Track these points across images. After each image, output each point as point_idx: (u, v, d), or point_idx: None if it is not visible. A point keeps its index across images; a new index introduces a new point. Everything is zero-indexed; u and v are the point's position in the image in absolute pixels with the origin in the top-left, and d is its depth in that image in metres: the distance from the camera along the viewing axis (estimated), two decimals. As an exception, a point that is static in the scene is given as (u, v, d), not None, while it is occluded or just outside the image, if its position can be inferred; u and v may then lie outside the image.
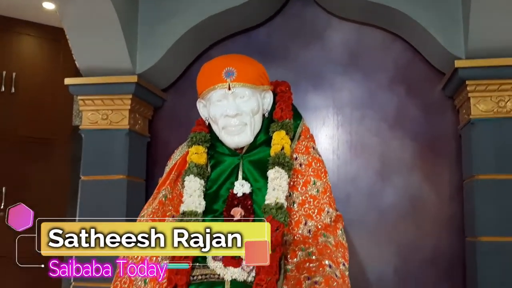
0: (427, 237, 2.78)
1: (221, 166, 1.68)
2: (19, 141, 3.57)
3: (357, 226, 2.75)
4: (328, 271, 1.46)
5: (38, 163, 3.62)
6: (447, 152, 2.81)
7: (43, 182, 3.54)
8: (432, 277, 2.77)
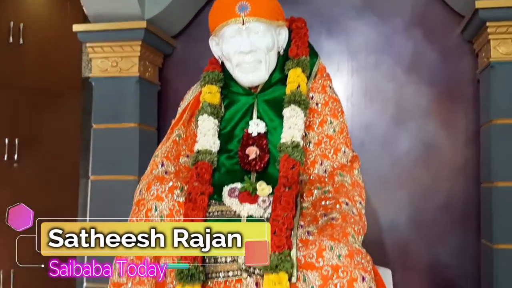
0: (441, 184, 2.77)
1: (235, 106, 1.65)
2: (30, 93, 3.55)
3: (370, 174, 2.72)
4: (345, 208, 1.45)
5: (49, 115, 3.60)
6: (464, 97, 2.76)
7: (55, 133, 3.53)
8: (446, 224, 2.78)
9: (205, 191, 1.44)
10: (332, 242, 1.32)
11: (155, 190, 1.44)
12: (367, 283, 1.27)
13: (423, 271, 2.79)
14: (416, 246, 2.79)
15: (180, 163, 1.57)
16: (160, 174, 1.49)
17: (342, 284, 1.27)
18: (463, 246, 2.75)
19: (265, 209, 1.42)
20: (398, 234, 2.80)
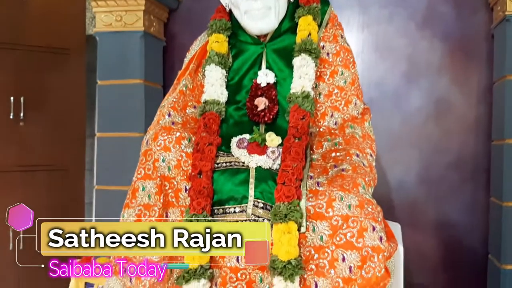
0: (452, 141, 2.73)
1: (243, 56, 1.60)
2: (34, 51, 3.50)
3: (380, 131, 2.67)
4: (355, 159, 1.42)
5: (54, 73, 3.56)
6: (477, 53, 2.68)
7: (60, 91, 3.50)
8: (455, 181, 2.75)
9: (213, 142, 1.41)
10: (342, 193, 1.30)
11: (162, 141, 1.41)
12: (377, 233, 1.25)
13: (431, 229, 2.79)
14: (425, 203, 2.78)
15: (187, 114, 1.54)
16: (167, 124, 1.46)
17: (352, 234, 1.26)
18: (472, 204, 2.74)
19: (274, 160, 1.40)
20: (407, 191, 2.79)
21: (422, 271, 2.79)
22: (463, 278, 2.87)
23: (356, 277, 1.23)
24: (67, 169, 3.40)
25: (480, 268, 2.76)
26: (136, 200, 1.43)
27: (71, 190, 3.39)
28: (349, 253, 1.25)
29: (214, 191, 1.37)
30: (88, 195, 3.30)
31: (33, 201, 3.36)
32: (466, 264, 2.84)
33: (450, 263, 2.86)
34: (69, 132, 3.42)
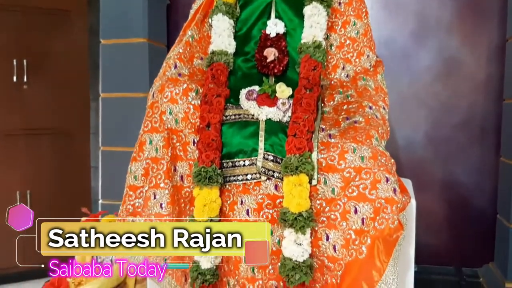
0: (461, 101, 2.68)
1: (251, 5, 1.53)
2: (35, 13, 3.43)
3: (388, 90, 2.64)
4: (368, 112, 1.38)
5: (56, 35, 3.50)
6: (490, 10, 2.60)
7: (63, 54, 3.44)
8: (464, 141, 2.72)
9: (221, 93, 1.37)
10: (355, 144, 1.26)
11: (169, 92, 1.37)
12: (391, 185, 1.23)
13: (438, 189, 2.77)
14: (433, 164, 2.75)
15: (194, 65, 1.49)
16: (174, 76, 1.42)
17: (364, 185, 1.23)
18: (481, 164, 2.71)
19: (285, 112, 1.36)
20: (415, 151, 2.76)
21: (429, 231, 2.79)
22: (470, 238, 2.87)
23: (369, 229, 1.21)
24: (71, 133, 3.38)
25: (488, 229, 2.75)
26: (143, 153, 1.40)
27: (76, 154, 3.37)
28: (361, 205, 1.23)
29: (223, 144, 1.34)
30: (94, 159, 3.28)
31: (38, 165, 3.36)
32: (474, 225, 2.84)
33: (457, 223, 2.86)
34: (73, 95, 3.38)
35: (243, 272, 1.32)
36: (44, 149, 3.38)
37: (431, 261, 2.75)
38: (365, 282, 1.20)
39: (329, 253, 1.26)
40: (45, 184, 3.38)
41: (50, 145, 3.40)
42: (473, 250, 2.90)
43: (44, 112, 3.35)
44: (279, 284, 1.30)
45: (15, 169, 3.31)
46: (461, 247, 2.89)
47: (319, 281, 1.27)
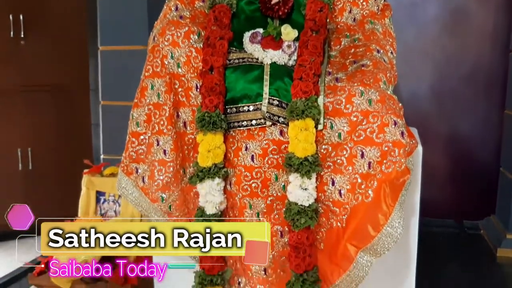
0: (467, 53, 2.63)
1: None
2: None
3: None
4: (376, 55, 1.34)
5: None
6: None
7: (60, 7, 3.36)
8: (469, 94, 2.69)
9: (224, 36, 1.32)
10: (362, 88, 1.23)
11: (170, 35, 1.32)
12: (399, 128, 1.20)
13: (443, 143, 2.76)
14: (437, 117, 2.73)
15: (195, 8, 1.44)
16: (175, 18, 1.37)
17: (372, 129, 1.20)
18: (486, 118, 2.69)
19: (290, 55, 1.32)
20: (419, 105, 2.73)
21: (431, 184, 2.79)
22: (472, 192, 2.89)
23: (376, 173, 1.20)
24: (71, 89, 3.34)
25: (490, 182, 2.75)
26: (145, 99, 1.37)
27: (76, 110, 3.34)
28: (368, 149, 1.21)
29: (226, 89, 1.31)
30: (95, 116, 3.25)
31: (38, 123, 3.34)
32: (476, 178, 2.84)
33: (459, 177, 2.86)
34: (71, 50, 3.32)
35: (248, 218, 1.31)
36: (43, 106, 3.35)
37: (432, 214, 2.77)
38: (371, 225, 1.19)
39: (335, 197, 1.25)
40: (46, 141, 3.36)
41: (50, 102, 3.37)
42: (475, 203, 2.92)
43: (43, 68, 3.30)
44: (284, 229, 1.30)
45: (15, 126, 3.29)
46: (462, 201, 2.90)
47: (324, 226, 1.27)
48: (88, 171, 2.02)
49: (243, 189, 1.30)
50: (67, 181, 2.71)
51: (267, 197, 1.30)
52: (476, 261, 2.49)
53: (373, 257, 1.22)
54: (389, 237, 1.19)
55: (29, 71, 3.28)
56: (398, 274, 1.48)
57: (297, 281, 1.24)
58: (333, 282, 1.26)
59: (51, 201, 3.18)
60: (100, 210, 1.99)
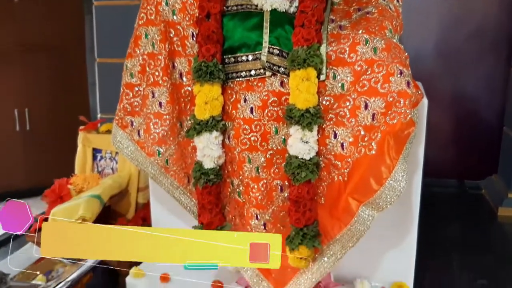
0: (474, 11, 2.54)
1: None
2: None
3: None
4: (382, 2, 1.27)
5: None
6: None
7: None
8: (475, 53, 2.61)
9: None
10: (367, 36, 1.17)
11: (164, -19, 1.25)
12: (405, 78, 1.15)
13: (446, 102, 2.70)
14: (441, 76, 2.66)
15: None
16: (169, -37, 1.29)
17: (376, 79, 1.15)
18: (491, 76, 2.62)
19: (291, 1, 1.25)
20: (423, 64, 2.66)
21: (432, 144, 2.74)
22: (474, 151, 2.85)
23: (379, 124, 1.15)
24: (67, 48, 3.27)
25: (493, 141, 2.71)
26: (139, 48, 1.32)
27: (72, 69, 3.28)
28: (372, 100, 1.16)
29: (224, 37, 1.25)
30: (91, 75, 3.18)
31: (35, 83, 3.28)
32: (479, 138, 2.80)
33: (462, 137, 2.82)
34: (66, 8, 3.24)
35: (247, 172, 1.27)
36: (39, 65, 3.29)
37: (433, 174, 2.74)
38: (373, 178, 1.15)
39: (337, 151, 1.20)
40: (43, 101, 3.32)
41: (46, 61, 3.31)
42: (476, 163, 2.89)
43: (38, 28, 3.22)
44: (284, 183, 1.26)
45: (11, 87, 3.24)
46: (464, 160, 2.87)
47: (325, 180, 1.23)
48: (84, 128, 1.98)
49: (242, 143, 1.26)
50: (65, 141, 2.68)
51: (267, 151, 1.26)
52: (477, 220, 2.47)
53: (375, 211, 1.19)
54: (392, 191, 1.16)
55: (24, 30, 3.21)
56: (400, 230, 1.46)
57: (297, 235, 1.21)
58: (333, 236, 1.24)
59: (49, 161, 3.16)
60: (97, 168, 1.96)
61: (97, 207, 1.67)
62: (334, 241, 1.24)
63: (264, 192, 1.27)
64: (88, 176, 1.85)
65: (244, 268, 1.35)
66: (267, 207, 1.29)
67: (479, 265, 1.98)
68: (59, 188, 1.78)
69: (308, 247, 1.21)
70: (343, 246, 1.23)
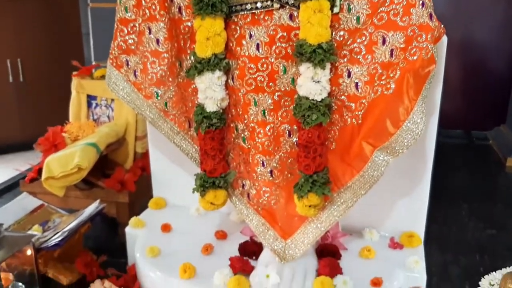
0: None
1: None
2: None
3: None
4: None
5: None
6: None
7: None
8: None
9: None
10: (386, -37, 1.05)
11: None
12: (427, 10, 1.04)
13: (455, 50, 2.59)
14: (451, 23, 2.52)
15: None
16: None
17: (396, 11, 1.05)
18: (503, 25, 2.50)
19: None
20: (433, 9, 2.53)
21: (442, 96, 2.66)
22: (482, 101, 2.77)
23: (399, 61, 1.05)
24: (58, -5, 3.11)
25: (502, 91, 2.63)
26: None
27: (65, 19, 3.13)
28: (391, 34, 1.05)
29: None
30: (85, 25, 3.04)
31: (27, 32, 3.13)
32: (488, 87, 2.71)
33: (471, 86, 2.73)
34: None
35: (253, 116, 1.18)
36: (31, 14, 3.13)
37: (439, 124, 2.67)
38: (390, 120, 1.07)
39: (350, 91, 1.11)
40: (35, 51, 3.19)
41: (37, 9, 3.15)
42: (484, 113, 2.82)
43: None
44: (293, 127, 1.18)
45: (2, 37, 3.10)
46: (472, 111, 2.79)
47: (337, 124, 1.15)
48: (77, 74, 1.87)
49: (247, 83, 1.16)
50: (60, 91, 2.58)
51: (274, 92, 1.16)
52: (485, 171, 2.42)
53: (390, 156, 1.11)
54: (410, 134, 1.07)
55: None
56: (412, 178, 1.39)
57: (306, 182, 1.14)
58: (344, 183, 1.16)
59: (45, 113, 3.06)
60: (92, 116, 1.87)
61: (93, 156, 1.59)
62: (345, 188, 1.17)
63: (271, 137, 1.19)
64: (83, 124, 1.76)
65: (249, 217, 1.29)
66: (274, 153, 1.20)
67: (487, 215, 1.94)
68: (53, 136, 1.69)
69: (318, 194, 1.13)
70: (354, 194, 1.16)
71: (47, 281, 1.44)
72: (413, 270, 1.27)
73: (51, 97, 3.13)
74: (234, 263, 1.25)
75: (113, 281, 1.34)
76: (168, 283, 1.25)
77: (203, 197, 1.24)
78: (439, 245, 1.68)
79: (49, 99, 3.15)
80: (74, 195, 1.71)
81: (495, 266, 1.25)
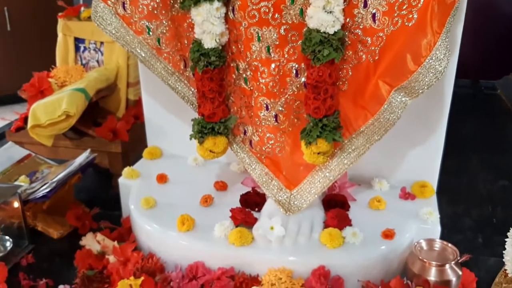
0: None
1: None
2: None
3: None
4: None
5: None
6: None
7: None
8: None
9: None
10: None
11: None
12: None
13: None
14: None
15: None
16: None
17: None
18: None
19: None
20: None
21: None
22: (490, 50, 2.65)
23: None
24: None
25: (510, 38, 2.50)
26: None
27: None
28: None
29: None
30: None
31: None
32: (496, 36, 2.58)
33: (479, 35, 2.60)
34: None
35: (256, 53, 1.06)
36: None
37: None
38: (411, 54, 0.95)
39: (366, 23, 0.99)
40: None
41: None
42: (492, 62, 2.70)
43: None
44: (300, 66, 1.06)
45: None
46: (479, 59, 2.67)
47: (350, 61, 1.03)
48: (63, 14, 1.72)
49: (250, 16, 1.03)
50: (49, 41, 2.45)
51: (280, 25, 1.03)
52: (494, 120, 2.33)
53: (408, 97, 1.00)
54: (432, 72, 0.96)
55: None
56: (426, 126, 1.29)
57: (315, 127, 1.03)
58: (357, 128, 1.06)
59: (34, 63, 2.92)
60: (80, 60, 1.73)
61: (82, 102, 1.47)
62: (358, 133, 1.07)
63: (276, 78, 1.08)
64: (70, 68, 1.63)
65: (251, 166, 1.19)
66: (279, 96, 1.09)
67: (498, 166, 1.85)
68: (39, 81, 1.56)
69: (328, 140, 1.03)
70: (367, 140, 1.06)
71: (36, 234, 1.36)
72: (426, 222, 1.19)
73: (40, 46, 2.98)
74: (235, 214, 1.16)
75: (106, 234, 1.26)
76: (165, 236, 1.17)
77: (202, 145, 1.14)
78: (450, 196, 1.60)
79: (39, 49, 3.00)
80: (63, 145, 1.61)
81: (508, 217, 1.17)
